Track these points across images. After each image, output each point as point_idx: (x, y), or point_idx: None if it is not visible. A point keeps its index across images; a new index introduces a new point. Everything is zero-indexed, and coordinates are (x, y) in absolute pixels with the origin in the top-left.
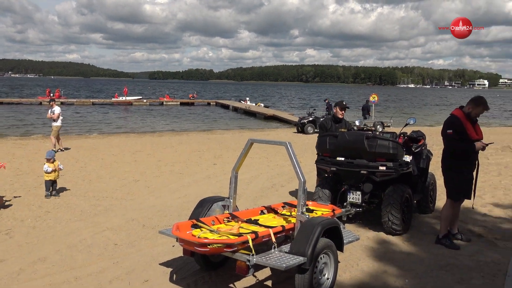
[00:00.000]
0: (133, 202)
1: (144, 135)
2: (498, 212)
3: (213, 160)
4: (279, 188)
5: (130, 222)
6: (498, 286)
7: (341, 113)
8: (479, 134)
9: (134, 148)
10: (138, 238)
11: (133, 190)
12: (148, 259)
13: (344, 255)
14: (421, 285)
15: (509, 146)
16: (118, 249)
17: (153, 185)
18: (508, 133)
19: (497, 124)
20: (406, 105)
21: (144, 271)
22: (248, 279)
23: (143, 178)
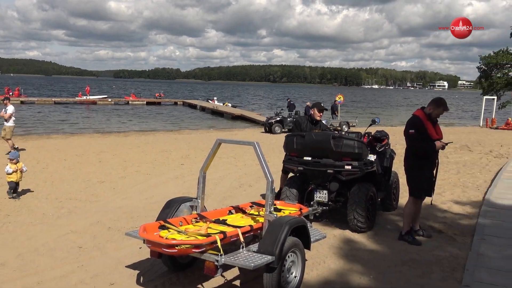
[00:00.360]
0: (98, 204)
1: (109, 135)
2: (457, 208)
3: (180, 160)
4: (247, 188)
5: (95, 224)
6: (457, 279)
7: (319, 115)
8: (439, 134)
9: (98, 148)
10: (104, 240)
11: (98, 191)
12: (114, 262)
13: (311, 253)
14: (385, 281)
15: (467, 145)
16: (82, 253)
17: (119, 186)
18: (466, 133)
19: (456, 124)
20: (371, 106)
21: (110, 274)
22: (216, 279)
23: (108, 179)
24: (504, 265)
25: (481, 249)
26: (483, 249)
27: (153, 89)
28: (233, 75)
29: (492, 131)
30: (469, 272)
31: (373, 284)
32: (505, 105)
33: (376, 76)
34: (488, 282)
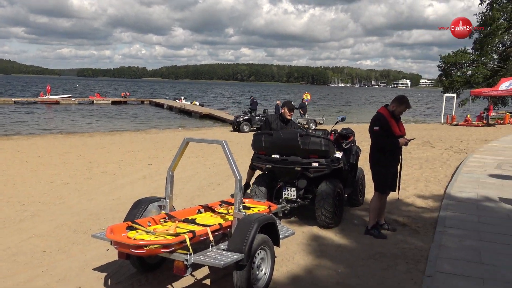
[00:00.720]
0: (62, 206)
1: (73, 136)
2: (420, 202)
3: (148, 160)
4: (216, 187)
5: (60, 227)
6: (420, 270)
7: (289, 114)
8: (402, 130)
9: (62, 149)
10: (69, 243)
11: (62, 193)
12: (81, 264)
13: (281, 249)
14: (352, 274)
15: (429, 142)
16: (47, 256)
17: (84, 188)
18: (428, 129)
19: (419, 121)
20: (338, 104)
21: (77, 278)
22: (186, 279)
23: (73, 181)
24: (464, 255)
25: (442, 241)
26: (444, 240)
27: (119, 88)
28: (200, 74)
29: (453, 127)
30: (432, 263)
31: (340, 278)
32: (464, 103)
33: (342, 74)
34: (450, 272)
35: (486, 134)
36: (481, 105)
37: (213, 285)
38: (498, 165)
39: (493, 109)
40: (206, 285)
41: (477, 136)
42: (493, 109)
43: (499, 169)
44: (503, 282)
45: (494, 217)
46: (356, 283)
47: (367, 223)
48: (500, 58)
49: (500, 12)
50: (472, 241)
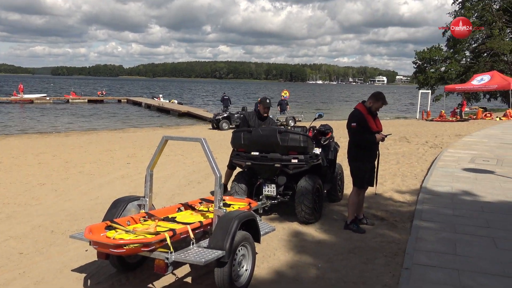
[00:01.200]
0: (39, 207)
1: (49, 136)
2: (397, 196)
3: (126, 159)
4: (196, 185)
5: (37, 228)
6: (398, 263)
7: (264, 110)
8: (379, 126)
9: (37, 149)
10: (47, 245)
11: (38, 194)
12: (59, 266)
13: (261, 246)
14: (332, 268)
15: (405, 137)
16: (24, 258)
17: (61, 188)
18: (405, 125)
19: (395, 117)
20: (316, 101)
21: (55, 279)
22: (167, 278)
23: (49, 181)
24: (440, 248)
25: (419, 234)
26: (421, 233)
27: (95, 87)
28: (178, 71)
29: (428, 123)
30: (409, 256)
31: (321, 272)
32: (438, 98)
33: (320, 72)
34: (426, 264)
35: (460, 129)
36: (455, 101)
37: (194, 282)
38: (471, 159)
39: (466, 105)
40: (188, 283)
41: (452, 131)
42: (466, 104)
43: (473, 163)
44: (477, 272)
45: (468, 210)
46: (336, 277)
47: (346, 218)
48: (473, 54)
49: (472, 10)
50: (448, 233)
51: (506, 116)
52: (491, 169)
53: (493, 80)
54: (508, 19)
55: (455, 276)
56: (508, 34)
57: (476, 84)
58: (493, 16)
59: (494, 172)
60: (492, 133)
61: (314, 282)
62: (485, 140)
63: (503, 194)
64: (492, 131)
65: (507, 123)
